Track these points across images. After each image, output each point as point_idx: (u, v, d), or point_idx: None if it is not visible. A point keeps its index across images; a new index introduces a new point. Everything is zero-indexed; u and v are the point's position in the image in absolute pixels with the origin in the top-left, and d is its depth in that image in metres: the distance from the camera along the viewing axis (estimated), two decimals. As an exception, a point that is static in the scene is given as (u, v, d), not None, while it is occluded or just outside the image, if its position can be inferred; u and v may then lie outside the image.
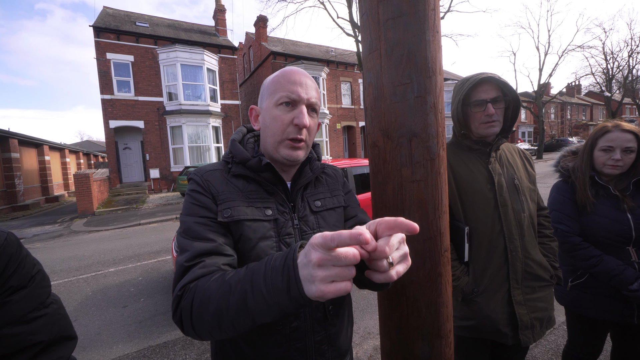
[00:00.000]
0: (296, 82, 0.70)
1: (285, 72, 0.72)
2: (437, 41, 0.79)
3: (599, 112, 40.95)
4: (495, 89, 1.14)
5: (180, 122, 13.89)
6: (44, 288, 0.66)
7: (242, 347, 0.70)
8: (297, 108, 0.71)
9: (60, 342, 0.67)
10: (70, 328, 0.71)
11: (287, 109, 0.71)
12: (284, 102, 0.70)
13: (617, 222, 1.28)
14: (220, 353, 0.74)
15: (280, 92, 0.70)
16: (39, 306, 0.63)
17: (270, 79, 0.74)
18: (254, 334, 0.69)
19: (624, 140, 1.27)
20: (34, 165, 14.61)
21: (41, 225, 9.34)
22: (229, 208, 0.68)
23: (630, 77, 24.10)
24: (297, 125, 0.70)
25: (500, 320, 1.12)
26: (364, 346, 2.48)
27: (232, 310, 0.50)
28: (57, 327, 0.66)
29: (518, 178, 1.20)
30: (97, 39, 13.01)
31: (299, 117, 0.70)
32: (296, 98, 0.70)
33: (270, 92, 0.73)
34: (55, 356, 0.65)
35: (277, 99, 0.71)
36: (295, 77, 0.71)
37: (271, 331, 0.68)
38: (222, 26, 17.42)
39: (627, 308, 1.29)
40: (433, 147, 0.80)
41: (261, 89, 0.77)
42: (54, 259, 5.47)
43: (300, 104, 0.71)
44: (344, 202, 0.84)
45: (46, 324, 0.64)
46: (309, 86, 0.72)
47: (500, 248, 1.14)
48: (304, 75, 0.73)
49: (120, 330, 2.95)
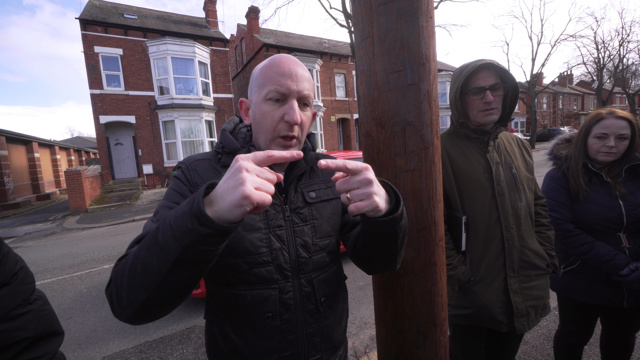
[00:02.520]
0: (285, 74, 0.65)
1: (274, 62, 0.67)
2: (430, 27, 0.77)
3: (590, 102, 41.36)
4: (494, 76, 1.13)
5: (173, 117, 13.67)
6: (28, 285, 0.66)
7: (233, 339, 0.69)
8: (288, 103, 0.66)
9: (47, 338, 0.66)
10: (57, 324, 0.71)
11: (276, 104, 0.66)
12: (273, 98, 0.66)
13: (609, 209, 1.29)
14: (212, 344, 0.74)
15: (269, 85, 0.65)
16: (23, 303, 0.63)
17: (259, 69, 0.69)
18: (245, 326, 0.69)
19: (618, 127, 1.27)
20: (23, 163, 14.31)
21: (33, 223, 9.20)
22: None
23: (620, 66, 24.31)
24: (287, 122, 0.66)
25: (497, 309, 1.13)
26: (360, 336, 2.51)
27: (144, 251, 0.48)
28: (42, 323, 0.66)
29: (516, 167, 1.20)
30: (84, 31, 12.63)
31: (290, 113, 0.65)
32: (286, 92, 0.65)
33: (259, 84, 0.68)
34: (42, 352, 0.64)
35: (266, 94, 0.66)
36: (285, 67, 0.66)
37: (262, 323, 0.68)
38: (213, 18, 17.05)
39: (617, 293, 1.31)
40: (427, 135, 0.79)
41: (250, 78, 0.73)
42: (46, 257, 5.41)
43: (291, 98, 0.66)
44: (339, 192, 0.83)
45: (31, 320, 0.63)
46: (300, 77, 0.67)
47: (497, 237, 1.14)
48: (295, 63, 0.68)
49: (116, 326, 2.94)
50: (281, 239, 0.69)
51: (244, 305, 0.68)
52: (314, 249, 0.72)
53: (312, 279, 0.72)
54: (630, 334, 1.44)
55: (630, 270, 1.23)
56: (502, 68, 1.13)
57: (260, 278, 0.67)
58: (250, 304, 0.68)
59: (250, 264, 0.67)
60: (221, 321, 0.71)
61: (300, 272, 0.71)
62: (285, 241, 0.70)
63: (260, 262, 0.67)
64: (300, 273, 0.70)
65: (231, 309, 0.69)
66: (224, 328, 0.71)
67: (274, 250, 0.68)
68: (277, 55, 0.69)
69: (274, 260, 0.68)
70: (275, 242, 0.69)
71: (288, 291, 0.69)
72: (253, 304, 0.67)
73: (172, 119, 13.72)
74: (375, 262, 0.68)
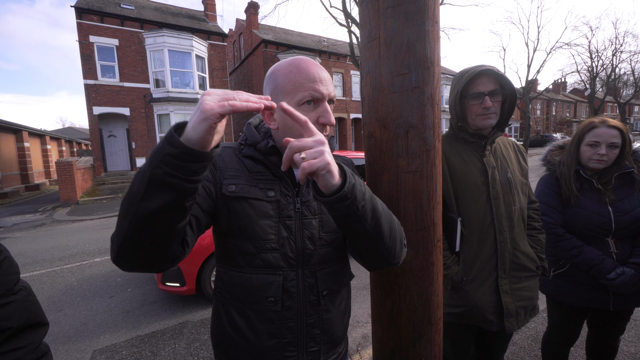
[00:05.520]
0: (316, 80, 0.68)
1: (300, 68, 0.69)
2: (436, 32, 0.79)
3: (582, 110, 42.11)
4: (493, 82, 1.15)
5: (168, 110, 13.51)
6: (12, 275, 0.66)
7: (236, 320, 0.73)
8: (321, 106, 0.69)
9: (31, 329, 0.67)
10: (41, 314, 0.72)
11: (309, 108, 0.69)
12: (307, 101, 0.69)
13: (598, 215, 1.33)
14: (217, 323, 0.78)
15: (302, 91, 0.68)
16: (7, 293, 0.63)
17: (284, 75, 0.70)
18: (248, 308, 0.72)
19: (610, 136, 1.31)
20: (12, 152, 14.00)
21: (21, 214, 9.03)
22: (234, 184, 0.72)
23: (613, 75, 24.80)
24: (323, 124, 0.69)
25: (487, 308, 1.16)
26: (352, 334, 2.53)
27: (132, 180, 0.52)
28: (26, 314, 0.67)
29: (511, 172, 1.23)
30: (80, 20, 12.39)
31: (325, 116, 0.69)
32: (319, 96, 0.69)
33: (288, 91, 0.69)
34: (25, 342, 0.65)
35: (300, 99, 0.68)
36: (314, 73, 0.69)
37: (264, 307, 0.71)
38: (212, 11, 16.86)
39: (604, 296, 1.36)
40: (429, 138, 0.81)
41: (270, 81, 0.73)
42: (35, 249, 5.32)
43: (323, 101, 0.69)
44: None
45: (14, 310, 0.64)
46: (327, 80, 0.71)
47: (490, 239, 1.17)
48: (320, 68, 0.71)
49: (107, 320, 2.91)
50: (289, 228, 0.73)
51: (249, 288, 0.72)
52: (320, 242, 0.75)
53: (315, 271, 0.74)
54: (615, 336, 1.49)
55: (617, 274, 1.27)
56: (501, 74, 1.15)
57: (267, 263, 0.71)
58: (255, 286, 0.71)
59: (259, 248, 0.71)
60: (227, 302, 0.75)
61: (305, 263, 0.73)
62: (293, 231, 0.73)
63: (267, 248, 0.71)
64: (305, 264, 0.73)
65: (237, 291, 0.73)
66: (229, 309, 0.75)
67: (282, 239, 0.72)
68: (297, 59, 0.71)
69: (280, 248, 0.72)
70: (284, 231, 0.72)
71: (292, 279, 0.72)
72: (257, 287, 0.71)
73: (167, 113, 13.57)
74: (361, 252, 0.67)
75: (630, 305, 1.37)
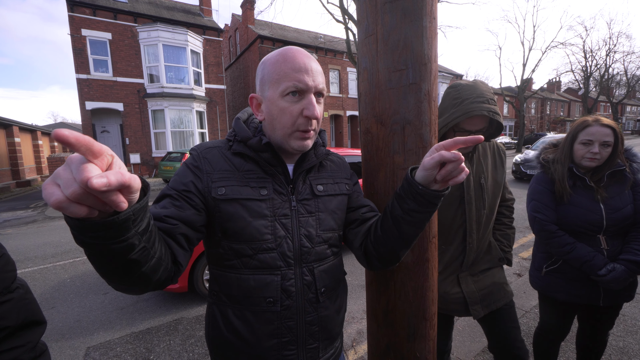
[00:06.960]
0: (301, 69, 0.66)
1: (287, 57, 0.67)
2: (433, 28, 0.79)
3: (576, 109, 42.57)
4: (484, 121, 1.17)
5: (163, 106, 13.36)
6: (8, 273, 0.65)
7: (234, 322, 0.71)
8: (306, 98, 0.67)
9: (28, 327, 0.66)
10: (39, 313, 0.70)
11: (294, 99, 0.67)
12: (291, 92, 0.66)
13: (590, 212, 1.35)
14: (212, 327, 0.76)
15: (286, 81, 0.66)
16: (4, 291, 0.62)
17: (271, 64, 0.68)
18: (246, 310, 0.70)
19: (603, 134, 1.33)
20: (2, 148, 13.74)
21: (12, 210, 8.88)
22: (223, 186, 0.69)
23: (606, 75, 25.11)
24: (307, 117, 0.67)
25: (452, 299, 1.27)
26: (347, 330, 2.55)
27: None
28: (24, 312, 0.66)
29: (485, 177, 1.28)
30: (72, 13, 12.15)
31: (309, 108, 0.66)
32: (304, 87, 0.66)
33: (273, 80, 0.67)
34: (23, 341, 0.64)
35: (283, 90, 0.66)
36: (300, 62, 0.66)
37: (263, 308, 0.70)
38: (207, 6, 16.65)
39: (595, 292, 1.38)
40: (426, 135, 0.81)
41: (259, 72, 0.72)
42: (27, 245, 5.25)
43: (309, 93, 0.67)
44: (346, 190, 0.82)
45: (12, 309, 0.63)
46: (315, 71, 0.68)
47: (458, 240, 1.26)
48: (308, 57, 0.68)
49: (101, 317, 2.89)
50: (286, 227, 0.71)
51: (247, 289, 0.70)
52: (317, 240, 0.74)
53: (313, 268, 0.74)
54: (605, 331, 1.52)
55: (608, 270, 1.29)
56: (494, 113, 1.12)
57: (264, 264, 0.70)
58: (253, 288, 0.70)
59: (255, 250, 0.69)
60: (223, 304, 0.73)
61: (303, 262, 0.72)
62: (289, 230, 0.71)
63: (264, 249, 0.69)
64: (302, 262, 0.72)
65: (234, 292, 0.71)
66: (226, 311, 0.72)
67: (278, 238, 0.70)
68: (287, 48, 0.69)
69: (277, 248, 0.70)
70: (280, 230, 0.70)
71: (290, 278, 0.71)
72: (255, 288, 0.70)
73: (161, 108, 13.42)
74: (390, 249, 0.71)
75: (619, 301, 1.40)
